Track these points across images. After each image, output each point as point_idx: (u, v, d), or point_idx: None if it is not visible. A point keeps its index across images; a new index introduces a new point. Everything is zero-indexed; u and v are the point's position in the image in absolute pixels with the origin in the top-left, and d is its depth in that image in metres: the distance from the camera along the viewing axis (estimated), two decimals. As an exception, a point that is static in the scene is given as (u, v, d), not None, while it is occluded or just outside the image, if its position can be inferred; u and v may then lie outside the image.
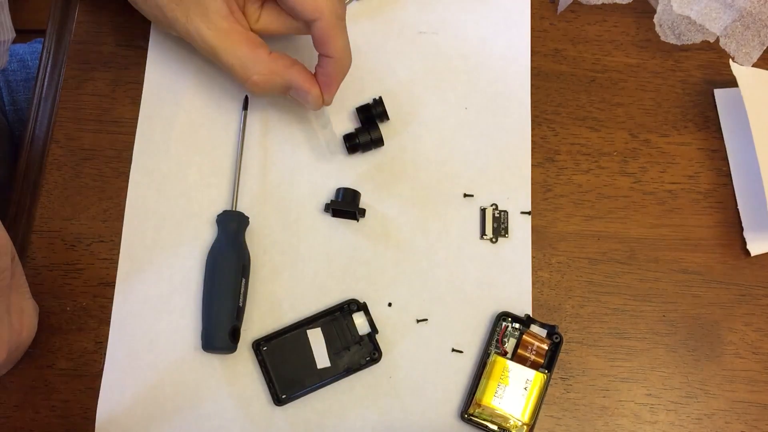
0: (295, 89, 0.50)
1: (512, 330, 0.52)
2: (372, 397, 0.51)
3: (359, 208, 0.52)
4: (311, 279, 0.52)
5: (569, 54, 0.58)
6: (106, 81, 0.55)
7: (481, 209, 0.54)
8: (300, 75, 0.49)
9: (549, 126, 0.57)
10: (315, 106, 0.50)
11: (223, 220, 0.51)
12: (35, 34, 0.78)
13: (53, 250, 0.52)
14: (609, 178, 0.56)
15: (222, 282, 0.49)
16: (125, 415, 0.49)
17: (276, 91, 0.50)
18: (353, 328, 0.50)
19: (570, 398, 0.52)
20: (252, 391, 0.50)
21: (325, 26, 0.47)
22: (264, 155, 0.54)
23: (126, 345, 0.50)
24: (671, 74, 0.59)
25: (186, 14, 0.48)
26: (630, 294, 0.54)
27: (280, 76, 0.49)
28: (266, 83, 0.49)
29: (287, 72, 0.49)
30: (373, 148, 0.54)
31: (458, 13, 0.58)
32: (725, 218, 0.56)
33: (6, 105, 0.75)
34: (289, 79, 0.49)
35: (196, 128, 0.54)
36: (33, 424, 0.49)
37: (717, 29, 0.56)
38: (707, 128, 0.58)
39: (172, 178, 0.53)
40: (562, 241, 0.54)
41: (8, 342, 0.45)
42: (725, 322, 0.54)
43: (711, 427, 0.52)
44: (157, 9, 0.48)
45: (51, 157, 0.53)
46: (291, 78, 0.49)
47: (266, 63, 0.48)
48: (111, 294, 0.51)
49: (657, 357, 0.53)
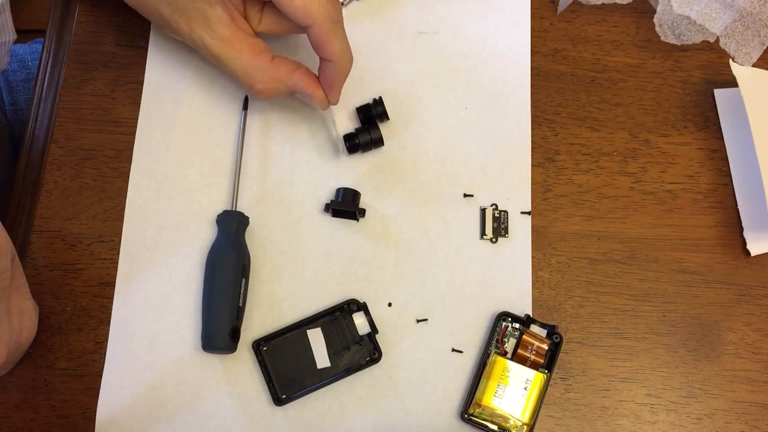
0: (300, 93, 0.51)
1: (512, 330, 0.52)
2: (372, 397, 0.51)
3: (359, 208, 0.52)
4: (311, 279, 0.52)
5: (569, 54, 0.58)
6: (106, 81, 0.55)
7: (481, 209, 0.54)
8: (303, 80, 0.50)
9: (549, 126, 0.57)
10: (321, 107, 0.51)
11: (223, 220, 0.51)
12: (35, 34, 0.78)
13: (53, 250, 0.52)
14: (609, 178, 0.56)
15: (222, 282, 0.49)
16: (125, 415, 0.49)
17: (281, 96, 0.51)
18: (353, 328, 0.50)
19: (570, 398, 0.52)
20: (252, 391, 0.50)
21: (318, 32, 0.47)
22: (264, 155, 0.54)
23: (126, 345, 0.50)
24: (671, 74, 0.59)
25: (189, 24, 0.48)
26: (630, 294, 0.54)
27: (284, 83, 0.50)
28: (270, 90, 0.50)
29: (290, 78, 0.50)
30: (373, 148, 0.54)
31: (458, 13, 0.58)
32: (725, 218, 0.56)
33: (6, 105, 0.75)
34: (293, 84, 0.50)
35: (196, 128, 0.54)
36: (33, 424, 0.49)
37: (717, 29, 0.56)
38: (707, 128, 0.58)
39: (172, 178, 0.53)
40: (562, 241, 0.54)
41: (8, 342, 0.45)
42: (725, 322, 0.54)
43: (711, 427, 0.52)
44: (162, 20, 0.50)
45: (51, 157, 0.53)
46: (294, 83, 0.50)
47: (269, 71, 0.49)
48: (111, 294, 0.51)
49: (657, 357, 0.53)
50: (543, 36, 0.59)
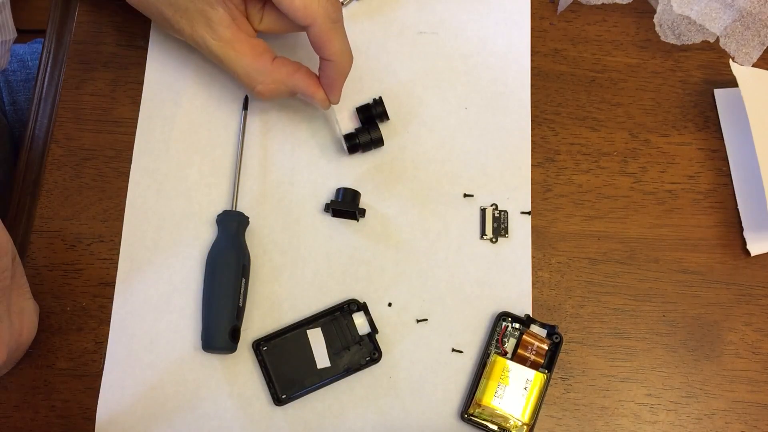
0: (301, 94, 0.51)
1: (512, 330, 0.52)
2: (372, 397, 0.51)
3: (359, 208, 0.52)
4: (311, 279, 0.52)
5: (569, 54, 0.58)
6: (106, 81, 0.55)
7: (481, 209, 0.54)
8: (303, 81, 0.50)
9: (549, 126, 0.57)
10: (322, 107, 0.52)
11: (223, 220, 0.51)
12: (35, 34, 0.78)
13: (53, 250, 0.52)
14: (609, 178, 0.56)
15: (222, 282, 0.49)
16: (125, 415, 0.49)
17: (282, 96, 0.51)
18: (353, 328, 0.50)
19: (570, 398, 0.52)
20: (252, 391, 0.50)
21: (318, 31, 0.47)
22: (264, 155, 0.54)
23: (126, 345, 0.50)
24: (671, 74, 0.59)
25: (191, 25, 0.49)
26: (630, 294, 0.54)
27: (285, 84, 0.50)
28: (271, 92, 0.50)
29: (290, 79, 0.50)
30: (373, 148, 0.54)
31: (458, 13, 0.58)
32: (725, 218, 0.56)
33: (6, 105, 0.75)
34: (293, 85, 0.50)
35: (196, 128, 0.54)
36: (33, 424, 0.49)
37: (717, 29, 0.56)
38: (707, 128, 0.58)
39: (172, 178, 0.53)
40: (562, 241, 0.54)
41: (8, 342, 0.45)
42: (725, 322, 0.54)
43: (711, 427, 0.52)
44: (164, 20, 0.50)
45: (51, 157, 0.53)
46: (295, 84, 0.50)
47: (270, 72, 0.49)
48: (111, 294, 0.51)
49: (657, 357, 0.53)
50: (543, 36, 0.59)
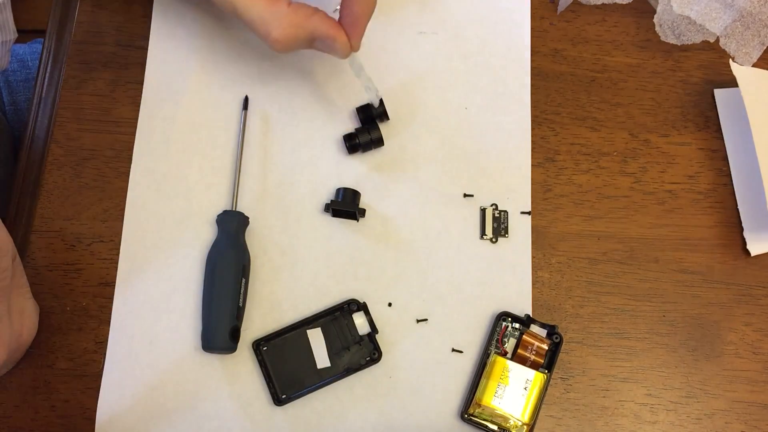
0: (320, 39, 0.48)
1: (512, 330, 0.52)
2: (372, 397, 0.51)
3: (359, 208, 0.52)
4: (311, 279, 0.52)
5: (569, 54, 0.58)
6: (106, 81, 0.55)
7: (481, 209, 0.54)
8: (323, 23, 0.47)
9: (549, 126, 0.57)
10: (343, 53, 0.49)
11: (223, 220, 0.51)
12: (35, 34, 0.78)
13: (53, 250, 0.52)
14: (609, 178, 0.56)
15: (222, 282, 0.49)
16: (125, 415, 0.49)
17: (300, 45, 0.48)
18: (353, 328, 0.50)
19: (570, 398, 0.52)
20: (252, 391, 0.50)
21: None
22: (264, 155, 0.54)
23: (126, 345, 0.50)
24: (671, 74, 0.59)
25: None
26: (630, 294, 0.54)
27: (303, 28, 0.47)
28: (288, 38, 0.47)
29: (309, 22, 0.47)
30: (373, 148, 0.54)
31: (458, 13, 0.58)
32: (725, 218, 0.56)
33: (6, 105, 0.75)
34: (312, 28, 0.47)
35: (196, 128, 0.54)
36: (33, 424, 0.49)
37: (717, 29, 0.56)
38: (707, 128, 0.58)
39: (172, 178, 0.53)
40: (562, 241, 0.54)
41: (8, 342, 0.45)
42: (725, 322, 0.54)
43: (711, 427, 0.52)
44: None
45: (51, 157, 0.53)
46: (314, 27, 0.47)
47: (286, 16, 0.47)
48: (111, 294, 0.51)
49: (657, 357, 0.53)
50: (543, 36, 0.59)
